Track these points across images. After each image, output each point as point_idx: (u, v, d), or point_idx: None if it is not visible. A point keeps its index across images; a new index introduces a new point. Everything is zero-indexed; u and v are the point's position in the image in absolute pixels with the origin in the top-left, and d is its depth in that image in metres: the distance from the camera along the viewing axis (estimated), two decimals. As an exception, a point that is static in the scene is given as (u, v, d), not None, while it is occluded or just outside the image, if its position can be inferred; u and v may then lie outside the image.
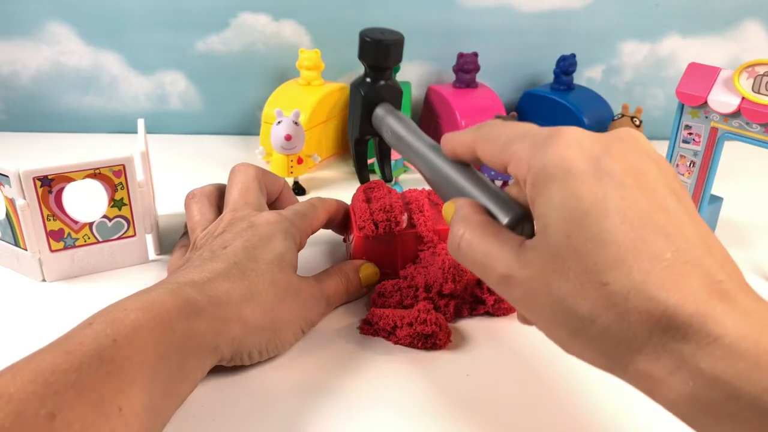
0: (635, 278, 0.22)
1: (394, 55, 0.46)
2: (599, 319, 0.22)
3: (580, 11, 0.73)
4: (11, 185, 0.41)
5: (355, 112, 0.48)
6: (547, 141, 0.25)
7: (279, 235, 0.38)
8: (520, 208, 0.29)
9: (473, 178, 0.32)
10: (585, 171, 0.24)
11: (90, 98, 0.75)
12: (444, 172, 0.34)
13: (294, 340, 0.38)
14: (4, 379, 0.25)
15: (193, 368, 0.31)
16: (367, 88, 0.46)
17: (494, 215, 0.29)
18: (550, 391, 0.35)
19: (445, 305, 0.41)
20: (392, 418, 0.33)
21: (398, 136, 0.42)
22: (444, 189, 0.34)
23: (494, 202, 0.30)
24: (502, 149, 0.27)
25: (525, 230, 0.28)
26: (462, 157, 0.32)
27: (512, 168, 0.27)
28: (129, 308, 0.29)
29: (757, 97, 0.45)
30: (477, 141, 0.30)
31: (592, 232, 0.22)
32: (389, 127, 0.43)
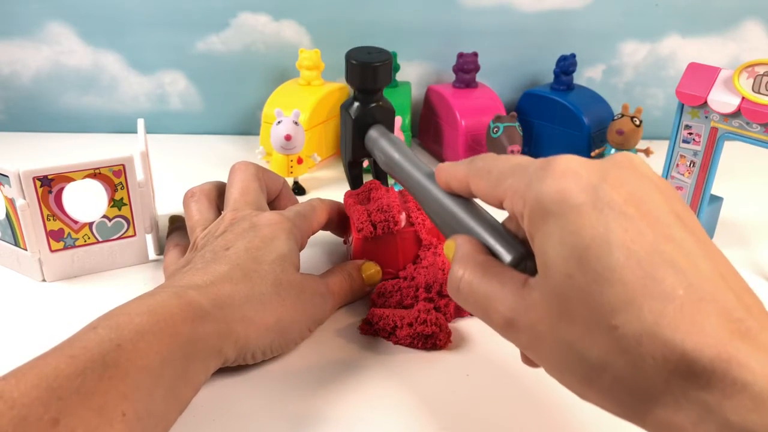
0: (647, 320, 0.20)
1: (382, 77, 0.44)
2: (611, 366, 0.21)
3: (580, 11, 0.73)
4: (11, 185, 0.41)
5: (346, 135, 0.46)
6: (541, 172, 0.24)
7: (281, 236, 0.38)
8: (523, 247, 0.27)
9: (473, 213, 0.30)
10: (583, 203, 0.22)
11: (90, 98, 0.75)
12: (441, 204, 0.32)
13: (300, 340, 0.38)
14: (8, 383, 0.24)
15: (197, 372, 0.31)
16: (357, 111, 0.44)
17: (496, 253, 0.28)
18: (551, 392, 0.35)
19: (445, 305, 0.41)
20: (392, 418, 0.33)
21: (393, 162, 0.40)
22: (442, 221, 0.33)
23: (495, 239, 0.28)
24: (496, 184, 0.26)
25: (529, 268, 0.27)
26: (457, 191, 0.31)
27: (508, 204, 0.26)
28: (133, 312, 0.29)
29: (757, 97, 0.45)
30: (470, 176, 0.29)
31: (595, 270, 0.21)
32: (383, 152, 0.42)
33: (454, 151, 0.66)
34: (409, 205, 0.45)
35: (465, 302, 0.27)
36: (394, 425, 0.33)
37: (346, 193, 0.47)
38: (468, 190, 0.29)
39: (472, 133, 0.64)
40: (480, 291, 0.26)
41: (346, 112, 0.45)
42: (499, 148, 0.58)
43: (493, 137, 0.58)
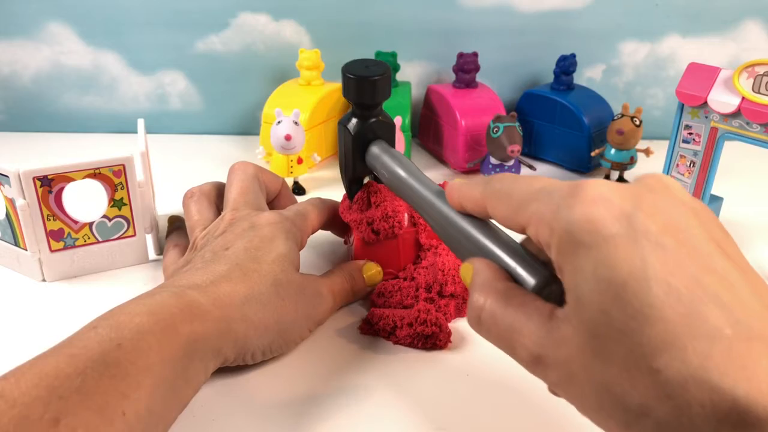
0: (692, 363, 0.18)
1: (381, 91, 0.41)
2: (653, 412, 0.19)
3: (580, 11, 0.73)
4: (11, 185, 0.41)
5: (346, 152, 0.43)
6: (570, 199, 0.22)
7: (281, 236, 0.38)
8: (546, 270, 0.26)
9: (489, 234, 0.28)
10: (617, 234, 0.20)
11: (90, 98, 0.75)
12: (454, 225, 0.30)
13: (300, 339, 0.38)
14: (8, 382, 0.24)
15: (196, 371, 0.31)
16: (356, 128, 0.42)
17: (517, 278, 0.26)
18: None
19: (445, 305, 0.41)
20: (392, 418, 0.33)
21: (397, 179, 0.38)
22: (455, 243, 0.30)
23: (516, 262, 0.26)
24: (518, 209, 0.24)
25: (553, 294, 0.25)
26: (471, 212, 0.29)
27: (532, 231, 0.24)
28: (133, 312, 0.29)
29: (757, 97, 0.45)
30: (487, 198, 0.27)
31: (633, 307, 0.19)
32: (386, 169, 0.39)
33: (454, 151, 0.66)
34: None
35: (487, 334, 0.25)
36: (394, 425, 0.33)
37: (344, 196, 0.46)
38: (484, 213, 0.28)
39: (472, 133, 0.64)
40: (504, 322, 0.24)
41: (345, 129, 0.42)
42: (499, 148, 0.58)
43: (493, 137, 0.58)
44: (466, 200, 0.29)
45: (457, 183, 0.30)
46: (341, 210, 0.45)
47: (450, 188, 0.30)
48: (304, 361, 0.37)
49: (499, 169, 0.60)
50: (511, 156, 0.58)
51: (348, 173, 0.44)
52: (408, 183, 0.36)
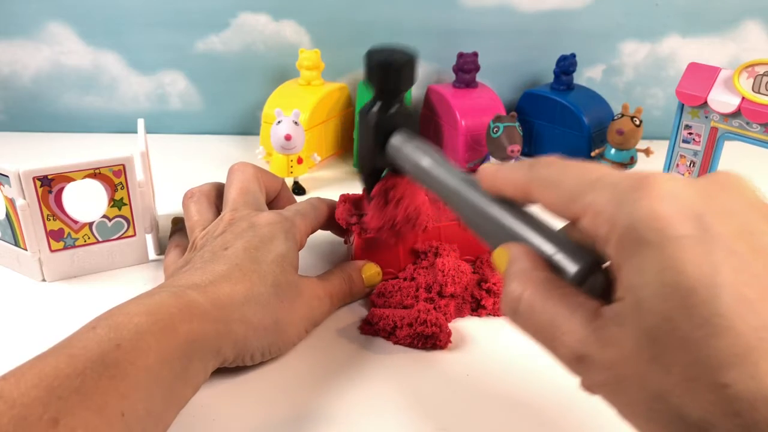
0: (764, 380, 0.17)
1: (406, 78, 0.40)
2: (715, 428, 0.18)
3: (580, 11, 0.73)
4: (11, 185, 0.41)
5: (365, 143, 0.41)
6: (635, 193, 0.21)
7: (280, 236, 0.38)
8: (588, 257, 0.24)
9: (525, 219, 0.27)
10: (686, 235, 0.19)
11: (90, 98, 0.75)
12: (485, 212, 0.29)
13: (297, 341, 0.38)
14: (8, 383, 0.24)
15: (196, 372, 0.31)
16: (378, 117, 0.40)
17: (557, 266, 0.24)
18: (551, 392, 0.35)
19: (445, 305, 0.41)
20: (392, 417, 0.33)
21: (422, 170, 0.36)
22: (487, 231, 0.29)
23: (556, 249, 0.25)
24: (572, 199, 0.23)
25: (596, 285, 0.24)
26: (509, 197, 0.27)
27: (588, 222, 0.22)
28: (132, 312, 0.29)
29: (757, 97, 0.45)
30: (533, 184, 0.25)
31: (701, 316, 0.18)
32: (410, 160, 0.37)
33: (454, 151, 0.66)
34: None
35: (524, 326, 0.24)
36: (394, 425, 0.33)
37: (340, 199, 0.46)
38: (527, 198, 0.26)
39: (472, 133, 0.64)
40: (543, 316, 0.23)
41: (365, 118, 0.40)
42: (499, 148, 0.58)
43: (493, 137, 0.58)
44: (506, 185, 0.27)
45: (492, 167, 0.28)
46: (338, 215, 0.44)
47: (485, 172, 0.28)
48: (304, 361, 0.37)
49: (499, 169, 0.60)
50: (511, 156, 0.58)
51: (367, 164, 0.42)
52: (432, 172, 0.34)
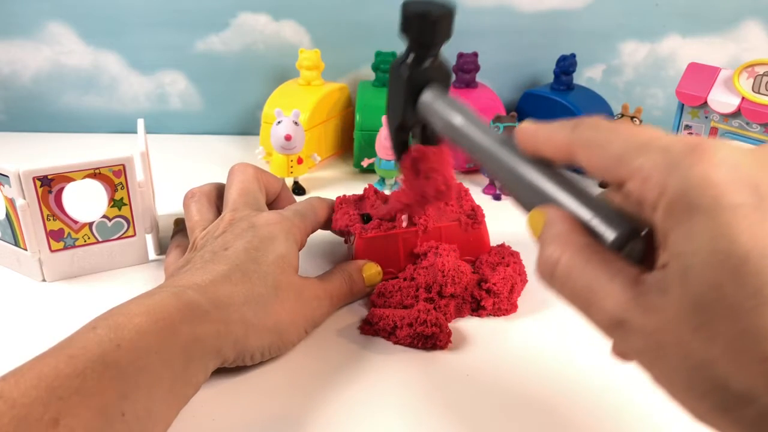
0: None
1: (442, 30, 0.39)
2: (760, 400, 0.18)
3: (580, 11, 0.73)
4: (11, 185, 0.41)
5: (396, 97, 0.40)
6: (689, 158, 0.20)
7: (280, 236, 0.38)
8: (627, 223, 0.23)
9: (563, 182, 0.26)
10: (742, 204, 0.18)
11: (90, 98, 0.75)
12: (522, 173, 0.28)
13: (297, 341, 0.38)
14: (8, 383, 0.24)
15: (196, 371, 0.31)
16: (410, 69, 0.38)
17: (594, 231, 0.24)
18: (550, 392, 0.35)
19: (445, 305, 0.41)
20: (392, 418, 0.33)
21: (455, 128, 0.34)
22: (522, 193, 0.28)
23: (594, 213, 0.24)
24: (619, 161, 0.22)
25: (634, 252, 0.23)
26: (548, 158, 0.26)
27: (635, 186, 0.21)
28: (132, 312, 0.29)
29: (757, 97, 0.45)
30: (576, 145, 0.24)
31: (752, 285, 0.18)
32: (442, 117, 0.36)
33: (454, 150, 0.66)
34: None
35: (560, 290, 0.23)
36: (394, 425, 0.33)
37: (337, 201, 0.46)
38: (568, 160, 0.25)
39: (472, 133, 0.63)
40: (582, 280, 0.22)
41: (397, 71, 0.39)
42: (499, 148, 0.58)
43: (493, 137, 0.58)
44: (546, 145, 0.26)
45: (531, 125, 0.27)
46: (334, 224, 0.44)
47: (523, 131, 0.27)
48: (305, 361, 0.37)
49: (499, 169, 0.60)
50: (511, 156, 0.57)
51: (396, 120, 0.41)
52: (466, 130, 0.33)
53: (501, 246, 0.46)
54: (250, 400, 0.34)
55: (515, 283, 0.42)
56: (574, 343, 0.39)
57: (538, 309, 0.43)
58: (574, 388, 0.35)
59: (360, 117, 0.65)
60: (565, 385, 0.36)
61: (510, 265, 0.43)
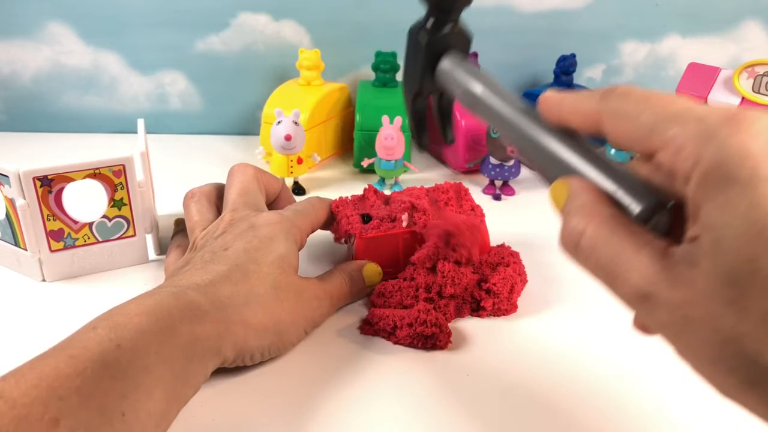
0: None
1: None
2: None
3: (580, 11, 0.73)
4: (11, 185, 0.41)
5: (413, 64, 0.39)
6: (725, 128, 0.19)
7: (280, 236, 0.38)
8: (654, 195, 0.23)
9: (586, 153, 0.25)
10: None
11: (90, 98, 0.75)
12: (545, 143, 0.27)
13: (297, 341, 0.38)
14: (8, 383, 0.24)
15: (196, 371, 0.31)
16: (429, 35, 0.37)
17: (620, 203, 0.23)
18: (550, 392, 0.35)
19: (445, 305, 0.41)
20: (392, 418, 0.33)
21: (475, 97, 0.33)
22: (544, 164, 0.27)
23: (619, 184, 0.23)
24: (651, 131, 0.21)
25: (659, 225, 0.23)
26: (574, 127, 0.26)
27: (667, 157, 0.21)
28: (132, 312, 0.29)
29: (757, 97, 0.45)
30: (605, 115, 0.24)
31: None
32: (461, 85, 0.35)
33: (454, 151, 0.66)
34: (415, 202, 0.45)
35: (584, 262, 0.23)
36: (394, 425, 0.33)
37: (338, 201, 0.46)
38: (594, 129, 0.24)
39: (472, 133, 0.64)
40: (607, 252, 0.22)
41: (415, 37, 0.38)
42: (499, 148, 0.58)
43: (493, 137, 0.58)
44: (572, 114, 0.25)
45: (556, 94, 0.26)
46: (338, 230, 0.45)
47: (547, 99, 0.26)
48: (305, 361, 0.37)
49: (499, 169, 0.60)
50: (511, 156, 0.58)
51: (413, 88, 0.40)
52: (487, 101, 0.32)
53: (501, 246, 0.46)
54: (250, 400, 0.34)
55: (515, 283, 0.42)
56: (574, 343, 0.39)
57: (538, 309, 0.43)
58: (574, 388, 0.35)
59: (360, 117, 0.65)
60: (565, 385, 0.36)
61: (510, 265, 0.43)
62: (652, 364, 0.37)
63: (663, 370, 0.37)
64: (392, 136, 0.58)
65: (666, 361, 0.37)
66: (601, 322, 0.41)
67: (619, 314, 0.42)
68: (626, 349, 0.39)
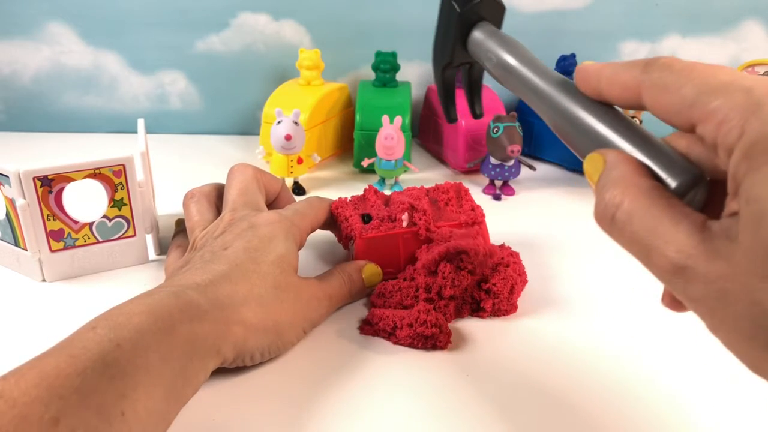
0: None
1: None
2: None
3: (580, 11, 0.73)
4: (11, 185, 0.41)
5: (445, 33, 0.39)
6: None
7: (280, 236, 0.38)
8: (694, 168, 0.22)
9: (624, 125, 0.25)
10: None
11: (90, 98, 0.75)
12: (581, 116, 0.26)
13: (296, 341, 0.38)
14: (8, 383, 0.25)
15: (195, 371, 0.31)
16: (462, 4, 0.37)
17: (657, 176, 0.23)
18: (550, 392, 0.35)
19: (445, 305, 0.41)
20: (392, 418, 0.33)
21: (508, 68, 0.33)
22: (580, 138, 0.27)
23: (656, 158, 0.23)
24: (693, 103, 0.21)
25: (697, 198, 0.22)
26: (612, 100, 0.25)
27: (709, 129, 0.20)
28: (132, 312, 0.29)
29: (757, 97, 0.45)
30: (646, 86, 0.23)
31: None
32: (494, 56, 0.34)
33: (454, 151, 0.66)
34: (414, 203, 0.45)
35: (619, 234, 0.22)
36: (394, 425, 0.33)
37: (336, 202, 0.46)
38: (635, 101, 0.24)
39: (472, 133, 0.64)
40: (644, 225, 0.21)
41: (448, 6, 0.38)
42: (499, 148, 0.58)
43: (493, 137, 0.58)
44: (612, 86, 0.25)
45: (594, 65, 0.26)
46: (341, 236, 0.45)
47: (585, 70, 0.26)
48: (305, 361, 0.37)
49: (499, 169, 0.60)
50: (511, 156, 0.58)
51: (443, 59, 0.39)
52: (520, 72, 0.31)
53: (501, 246, 0.46)
54: (250, 401, 0.34)
55: (515, 283, 0.42)
56: (575, 343, 0.39)
57: (538, 309, 0.43)
58: (575, 388, 0.35)
59: (360, 117, 0.65)
60: (565, 385, 0.36)
61: (510, 266, 0.43)
62: (653, 364, 0.37)
63: (664, 370, 0.37)
64: (392, 136, 0.58)
65: (667, 361, 0.37)
66: (601, 322, 0.41)
67: (619, 314, 0.42)
68: (627, 348, 0.39)
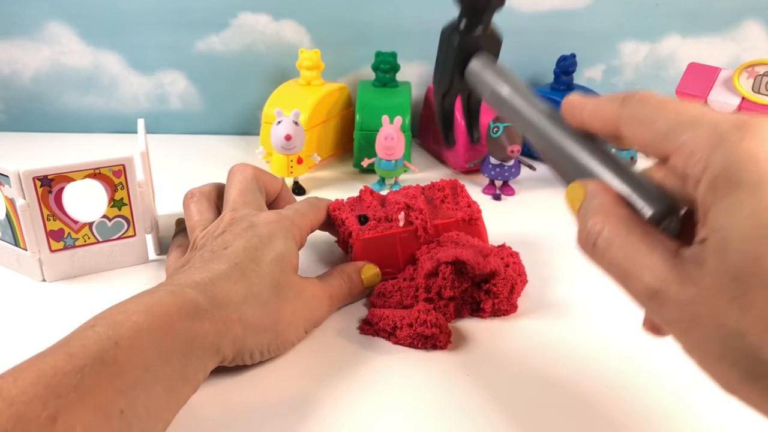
0: None
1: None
2: None
3: (580, 11, 0.73)
4: (11, 185, 0.41)
5: (444, 63, 0.41)
6: (736, 133, 0.20)
7: (280, 235, 0.38)
8: (667, 198, 0.24)
9: (604, 157, 0.26)
10: None
11: (90, 98, 0.75)
12: (565, 146, 0.28)
13: (296, 341, 0.38)
14: (6, 381, 0.24)
15: (194, 370, 0.31)
16: (461, 37, 0.39)
17: (633, 205, 0.24)
18: (550, 392, 0.35)
19: (445, 305, 0.41)
20: (392, 418, 0.33)
21: (501, 98, 0.34)
22: (563, 166, 0.28)
23: (633, 188, 0.25)
24: (665, 136, 0.22)
25: (672, 226, 0.24)
26: (594, 131, 0.27)
27: (680, 161, 0.22)
28: (130, 310, 0.29)
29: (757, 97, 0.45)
30: (624, 120, 0.24)
31: None
32: (489, 87, 0.36)
33: (454, 151, 0.66)
34: (410, 202, 0.45)
35: (600, 260, 0.24)
36: (394, 425, 0.33)
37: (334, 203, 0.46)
38: (613, 134, 0.25)
39: (472, 133, 0.64)
40: (622, 251, 0.22)
41: (449, 37, 0.40)
42: (499, 148, 0.58)
43: (493, 137, 0.58)
44: (593, 119, 0.26)
45: (579, 98, 0.27)
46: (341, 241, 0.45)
47: (570, 103, 0.28)
48: (304, 361, 0.37)
49: (499, 169, 0.60)
50: (511, 156, 0.58)
51: (442, 87, 0.41)
52: (512, 103, 0.33)
53: (501, 246, 0.46)
54: (249, 400, 0.34)
55: (515, 283, 0.42)
56: (574, 343, 0.39)
57: (538, 309, 0.43)
58: (575, 388, 0.35)
59: (360, 117, 0.65)
60: (565, 385, 0.36)
61: (510, 266, 0.43)
62: (653, 363, 0.37)
63: (664, 369, 0.37)
64: (392, 136, 0.58)
65: (667, 361, 0.37)
66: (601, 322, 0.41)
67: (618, 314, 0.42)
68: (626, 348, 0.39)
